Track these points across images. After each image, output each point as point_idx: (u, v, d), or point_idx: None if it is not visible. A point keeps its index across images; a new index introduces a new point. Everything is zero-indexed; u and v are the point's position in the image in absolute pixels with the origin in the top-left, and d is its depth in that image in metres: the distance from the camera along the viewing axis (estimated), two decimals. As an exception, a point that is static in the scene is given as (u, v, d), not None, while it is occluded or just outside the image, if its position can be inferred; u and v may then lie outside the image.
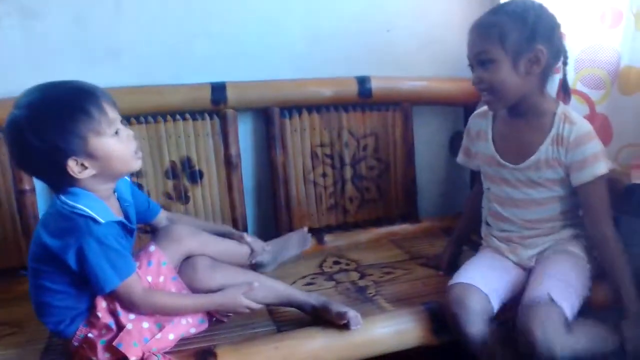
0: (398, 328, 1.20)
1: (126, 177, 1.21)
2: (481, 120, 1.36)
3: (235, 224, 1.61)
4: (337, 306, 1.18)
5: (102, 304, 1.08)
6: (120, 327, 1.08)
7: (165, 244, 1.18)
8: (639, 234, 1.32)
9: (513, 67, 1.18)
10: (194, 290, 1.17)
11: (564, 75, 1.25)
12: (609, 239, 1.21)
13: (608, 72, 1.36)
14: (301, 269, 1.51)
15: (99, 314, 1.07)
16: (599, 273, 1.25)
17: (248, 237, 1.34)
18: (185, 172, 1.57)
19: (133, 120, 1.51)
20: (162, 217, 1.31)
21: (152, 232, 1.32)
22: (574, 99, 1.33)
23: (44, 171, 1.07)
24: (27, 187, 1.44)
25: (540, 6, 1.20)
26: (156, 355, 1.07)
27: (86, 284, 1.06)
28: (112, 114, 1.05)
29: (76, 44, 1.49)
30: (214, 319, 1.24)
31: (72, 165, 1.02)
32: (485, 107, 1.35)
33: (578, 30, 1.36)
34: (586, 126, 1.22)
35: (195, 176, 1.58)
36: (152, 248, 1.16)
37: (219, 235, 1.30)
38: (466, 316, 1.15)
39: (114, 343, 1.06)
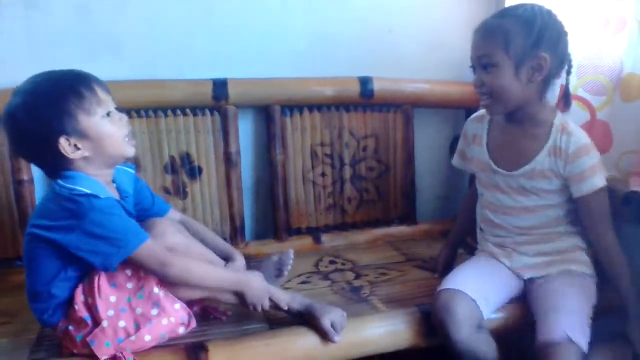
0: (390, 329, 1.20)
1: (130, 170, 1.21)
2: (477, 125, 1.36)
3: (232, 221, 1.62)
4: (321, 313, 1.15)
5: (80, 297, 1.07)
6: (97, 322, 1.06)
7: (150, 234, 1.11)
8: (636, 240, 1.32)
9: (515, 73, 1.17)
10: None
11: (567, 84, 1.24)
12: (612, 248, 1.21)
13: (610, 78, 1.35)
14: (297, 267, 1.50)
15: (76, 307, 1.07)
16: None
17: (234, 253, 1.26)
18: (184, 168, 1.57)
19: (133, 114, 1.51)
20: (172, 217, 1.27)
21: None
22: (575, 104, 1.32)
23: (38, 154, 1.07)
24: (25, 177, 1.44)
25: (549, 13, 1.19)
26: (127, 358, 1.05)
27: (73, 269, 1.05)
28: (103, 95, 1.06)
29: (78, 35, 1.50)
30: (212, 317, 1.24)
31: (64, 144, 1.02)
32: (482, 112, 1.34)
33: (581, 36, 1.35)
34: (584, 138, 1.21)
35: (194, 172, 1.58)
36: None
37: (218, 252, 1.24)
38: (453, 322, 1.14)
39: (87, 339, 1.05)
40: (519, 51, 1.16)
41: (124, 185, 1.17)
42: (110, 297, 1.07)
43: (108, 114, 1.06)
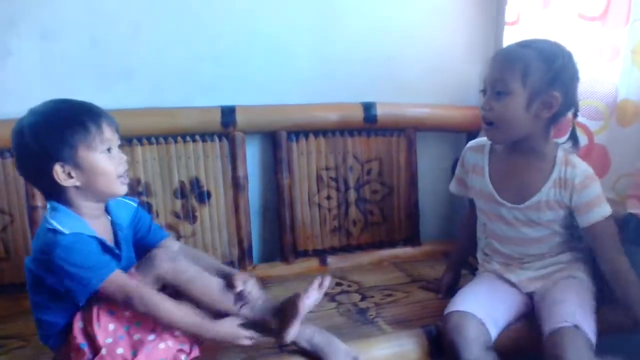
0: (397, 350, 1.22)
1: (132, 203, 1.23)
2: (476, 154, 1.36)
3: (240, 244, 1.65)
4: (328, 356, 1.14)
5: (78, 324, 1.09)
6: (95, 350, 1.07)
7: (141, 267, 1.12)
8: (635, 262, 1.35)
9: (526, 105, 1.18)
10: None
11: (574, 126, 1.27)
12: (626, 272, 1.21)
13: (606, 104, 1.39)
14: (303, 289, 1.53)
15: (75, 334, 1.08)
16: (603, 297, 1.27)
17: (241, 283, 1.15)
18: (193, 192, 1.61)
19: (145, 141, 1.55)
20: (170, 246, 1.25)
21: None
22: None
23: (33, 174, 1.11)
24: (39, 203, 1.47)
25: (570, 55, 1.21)
26: None
27: (63, 300, 1.07)
28: (109, 134, 1.09)
29: (91, 65, 1.54)
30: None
31: (58, 171, 1.05)
32: (481, 140, 1.36)
33: (578, 63, 1.40)
34: (589, 169, 1.24)
35: (203, 196, 1.61)
36: (133, 270, 1.12)
37: (219, 274, 1.18)
38: (463, 344, 1.16)
39: None
40: (535, 85, 1.17)
41: (119, 219, 1.18)
42: (109, 325, 1.08)
43: (109, 150, 1.09)
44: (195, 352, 1.15)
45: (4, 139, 1.42)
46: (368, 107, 1.70)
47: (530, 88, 1.17)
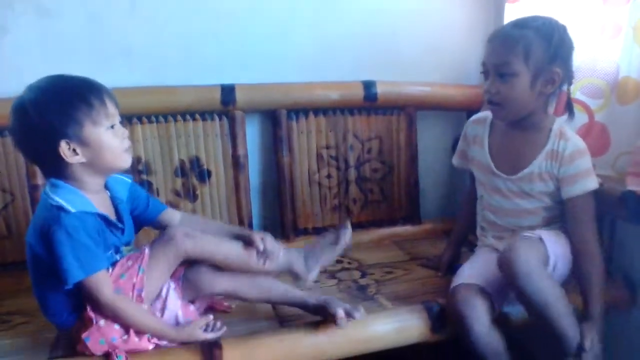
0: (398, 325, 1.24)
1: (127, 179, 1.23)
2: (478, 126, 1.39)
3: (241, 223, 1.65)
4: (334, 305, 1.18)
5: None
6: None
7: (158, 246, 1.15)
8: (633, 238, 1.36)
9: (531, 84, 1.21)
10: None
11: (569, 95, 1.29)
12: (592, 252, 1.24)
13: (607, 82, 1.39)
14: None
15: (88, 307, 1.10)
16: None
17: (260, 241, 1.22)
18: (194, 171, 1.61)
19: (144, 120, 1.55)
20: (170, 218, 1.28)
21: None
22: (573, 107, 1.36)
23: (37, 152, 1.09)
24: (40, 182, 1.47)
25: (564, 28, 1.23)
26: (117, 356, 1.07)
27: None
28: (112, 109, 1.09)
29: (90, 43, 1.53)
30: (217, 311, 1.28)
31: (64, 148, 1.05)
32: (483, 114, 1.39)
33: (579, 41, 1.39)
34: (580, 143, 1.26)
35: (203, 175, 1.62)
36: (146, 250, 1.15)
37: (233, 237, 1.24)
38: (474, 316, 1.18)
39: (82, 336, 1.08)
40: (538, 63, 1.19)
41: (118, 193, 1.19)
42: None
43: (112, 127, 1.09)
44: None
45: (3, 117, 1.42)
46: (368, 86, 1.70)
47: (534, 67, 1.20)
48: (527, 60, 1.19)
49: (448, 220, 1.82)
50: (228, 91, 1.59)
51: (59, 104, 1.05)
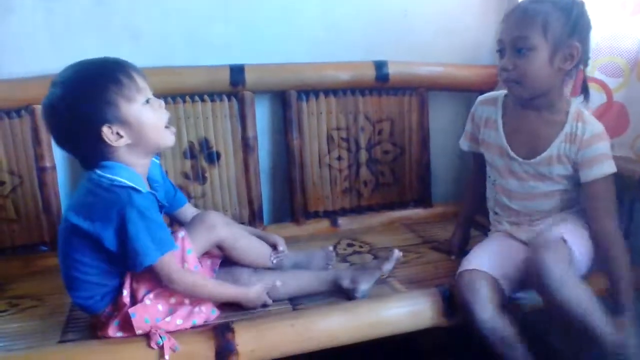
0: (411, 309, 1.22)
1: (156, 160, 1.20)
2: (489, 108, 1.36)
3: (250, 205, 1.64)
4: (343, 278, 1.26)
5: (128, 283, 1.10)
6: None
7: (197, 230, 1.19)
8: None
9: (549, 59, 1.17)
10: None
11: (585, 76, 1.26)
12: (613, 236, 1.22)
13: (627, 60, 1.35)
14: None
15: (125, 292, 1.10)
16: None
17: (282, 242, 1.34)
18: (203, 153, 1.59)
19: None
20: (187, 211, 1.30)
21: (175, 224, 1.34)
22: (591, 86, 1.32)
23: (80, 145, 1.06)
24: (48, 164, 1.46)
25: (583, 4, 1.20)
26: (161, 337, 1.06)
27: (120, 261, 1.06)
28: (142, 83, 1.06)
29: (96, 24, 1.50)
30: None
31: (107, 133, 1.02)
32: (493, 94, 1.36)
33: (598, 17, 1.35)
34: (599, 126, 1.23)
35: (212, 157, 1.60)
36: (182, 234, 1.16)
37: (255, 235, 1.34)
38: (478, 302, 1.16)
39: (129, 310, 1.07)
40: (556, 37, 1.16)
41: (154, 175, 1.17)
42: (151, 283, 1.11)
43: (147, 101, 1.07)
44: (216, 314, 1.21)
45: (10, 99, 1.43)
46: (380, 66, 1.66)
47: (552, 41, 1.16)
48: (545, 34, 1.16)
49: (460, 203, 1.78)
50: (237, 72, 1.56)
51: (88, 91, 1.02)
